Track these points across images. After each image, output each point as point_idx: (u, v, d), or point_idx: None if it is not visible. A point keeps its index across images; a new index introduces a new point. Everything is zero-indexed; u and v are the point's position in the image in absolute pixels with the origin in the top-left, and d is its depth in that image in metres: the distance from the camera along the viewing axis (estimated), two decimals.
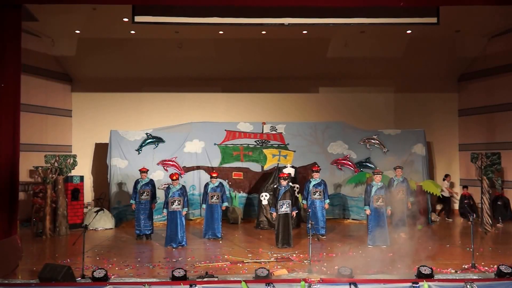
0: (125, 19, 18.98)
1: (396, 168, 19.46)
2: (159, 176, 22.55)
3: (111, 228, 21.21)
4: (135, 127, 23.99)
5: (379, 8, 15.68)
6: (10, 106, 14.25)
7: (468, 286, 10.20)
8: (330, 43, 23.12)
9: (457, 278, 11.90)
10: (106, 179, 22.94)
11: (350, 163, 23.53)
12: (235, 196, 22.96)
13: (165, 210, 17.65)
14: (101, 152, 24.07)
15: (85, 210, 21.93)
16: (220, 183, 19.41)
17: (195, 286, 11.19)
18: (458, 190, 25.24)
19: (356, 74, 25.12)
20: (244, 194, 23.33)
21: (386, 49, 23.30)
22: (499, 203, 21.48)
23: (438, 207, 24.22)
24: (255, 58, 24.04)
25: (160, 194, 20.24)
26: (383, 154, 23.54)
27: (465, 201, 22.28)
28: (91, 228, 19.81)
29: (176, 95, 25.44)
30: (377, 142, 23.77)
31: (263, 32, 21.63)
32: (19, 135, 14.49)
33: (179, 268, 11.97)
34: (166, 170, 22.81)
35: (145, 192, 18.91)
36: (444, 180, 23.73)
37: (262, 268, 12.15)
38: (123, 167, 22.64)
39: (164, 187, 20.55)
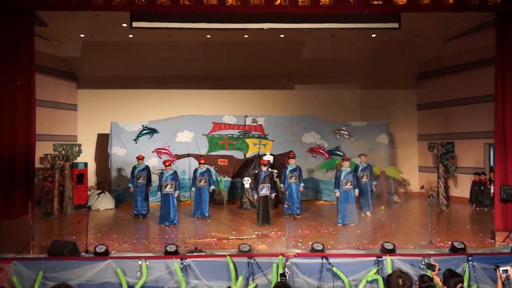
0: (124, 25, 18.83)
1: (361, 155, 19.47)
2: (153, 162, 22.42)
3: (112, 209, 21.18)
4: (132, 120, 23.90)
5: (347, 15, 15.66)
6: (25, 101, 14.16)
7: (425, 260, 10.19)
8: (304, 45, 23.10)
9: (416, 253, 11.92)
10: (107, 165, 22.84)
11: (323, 152, 23.51)
12: (220, 180, 22.89)
13: (159, 193, 17.73)
14: (103, 141, 23.92)
15: (88, 192, 21.89)
16: (208, 168, 19.51)
17: (186, 260, 11.17)
18: (416, 175, 25.45)
19: (327, 73, 25.06)
20: (229, 179, 23.26)
21: (354, 51, 23.25)
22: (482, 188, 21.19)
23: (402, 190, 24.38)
24: (238, 59, 23.95)
25: (155, 179, 20.11)
26: (351, 143, 23.54)
27: (475, 188, 21.34)
28: (94, 209, 19.80)
29: (169, 91, 25.34)
30: (346, 132, 23.76)
31: (245, 36, 21.60)
32: (35, 127, 14.37)
33: (172, 244, 11.93)
34: (160, 157, 22.70)
35: (142, 177, 18.97)
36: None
37: (244, 244, 12.13)
38: (122, 154, 22.54)
39: (158, 172, 20.42)
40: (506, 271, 7.74)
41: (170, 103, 25.26)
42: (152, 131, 23.24)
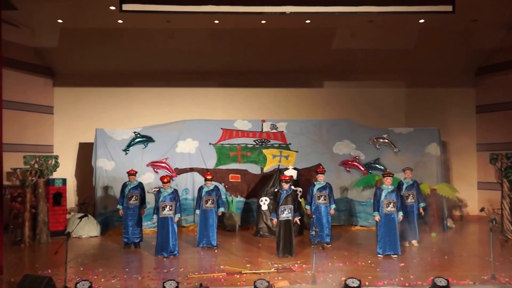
0: (112, 7, 18.96)
1: (405, 169, 19.33)
2: (148, 178, 22.50)
3: (97, 236, 21.15)
4: (123, 126, 23.99)
5: None
6: None
7: None
8: (336, 34, 23.09)
9: None
10: (91, 182, 22.87)
11: (359, 165, 23.48)
12: (232, 201, 22.89)
13: (155, 216, 17.57)
14: (86, 152, 23.99)
15: (68, 216, 21.84)
16: (216, 186, 19.37)
17: None
18: (475, 194, 25.32)
19: (364, 68, 25.10)
20: (242, 199, 23.24)
21: (397, 41, 23.24)
22: None
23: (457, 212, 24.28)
24: (254, 50, 24.03)
25: (150, 199, 20.19)
26: (394, 155, 23.47)
27: None
28: (74, 236, 19.85)
29: (168, 90, 25.45)
30: (387, 141, 23.73)
31: (263, 22, 21.59)
32: (1, 135, 14.44)
33: (171, 280, 11.96)
34: (157, 172, 22.78)
35: (134, 197, 18.85)
36: None
37: (261, 279, 12.15)
38: (110, 169, 22.59)
39: (154, 191, 20.51)
40: None
41: (169, 104, 25.35)
42: (147, 140, 23.28)
